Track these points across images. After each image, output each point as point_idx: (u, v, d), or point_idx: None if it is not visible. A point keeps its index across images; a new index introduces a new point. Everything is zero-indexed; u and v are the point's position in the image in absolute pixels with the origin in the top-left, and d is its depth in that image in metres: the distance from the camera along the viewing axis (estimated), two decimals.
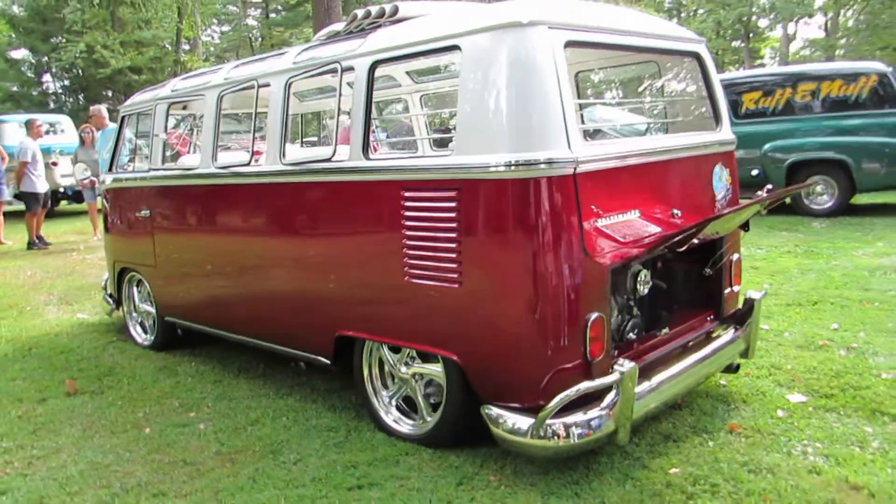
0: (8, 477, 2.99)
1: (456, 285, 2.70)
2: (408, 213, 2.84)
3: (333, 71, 3.18)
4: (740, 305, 3.50)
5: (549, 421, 2.52)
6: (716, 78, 3.45)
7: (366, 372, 3.27)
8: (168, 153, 4.44)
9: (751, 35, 39.69)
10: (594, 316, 2.62)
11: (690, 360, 3.02)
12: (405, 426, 3.14)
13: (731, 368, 3.45)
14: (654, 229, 2.83)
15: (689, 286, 3.45)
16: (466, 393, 2.86)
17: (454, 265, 2.69)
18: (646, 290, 3.09)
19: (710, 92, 3.43)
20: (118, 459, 3.10)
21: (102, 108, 9.28)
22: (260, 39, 44.06)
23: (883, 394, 3.43)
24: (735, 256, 3.48)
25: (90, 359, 4.67)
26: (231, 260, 3.86)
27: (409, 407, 3.22)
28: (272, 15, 43.30)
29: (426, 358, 3.06)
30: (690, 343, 3.21)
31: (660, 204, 3.00)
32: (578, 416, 2.55)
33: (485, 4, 2.87)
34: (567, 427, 2.53)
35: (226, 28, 44.52)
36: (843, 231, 8.00)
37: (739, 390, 3.58)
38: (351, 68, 3.08)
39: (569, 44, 2.64)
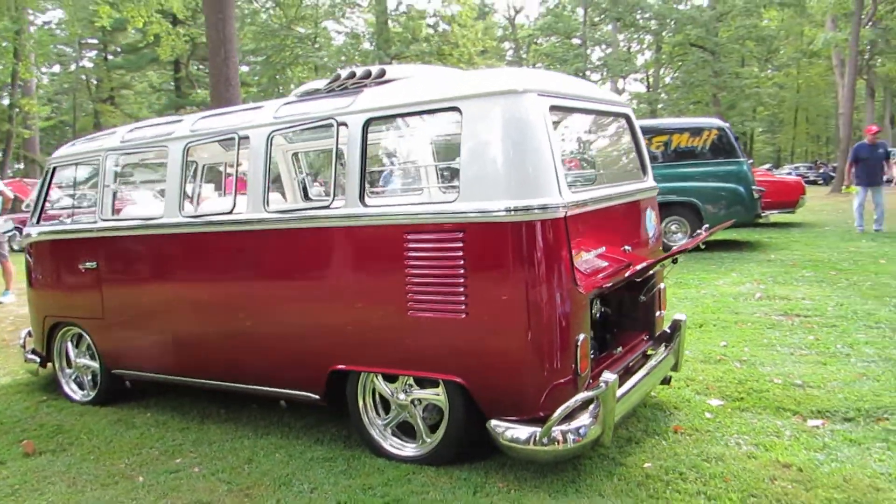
0: None
1: (463, 316, 3.08)
2: (411, 254, 3.19)
3: (328, 126, 3.49)
4: (666, 327, 4.12)
5: (529, 429, 2.95)
6: (640, 134, 4.13)
7: (360, 403, 3.53)
8: (113, 204, 4.44)
9: None
10: (582, 337, 3.10)
11: (643, 372, 3.57)
12: (406, 449, 3.42)
13: (665, 380, 4.04)
14: (617, 263, 3.39)
15: (627, 311, 4.03)
16: (467, 413, 3.22)
17: (461, 298, 3.07)
18: (598, 315, 3.62)
19: (637, 146, 4.09)
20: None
21: None
22: (96, 82, 41.90)
23: (780, 395, 4.17)
24: (662, 285, 4.12)
25: (27, 419, 4.48)
26: (205, 307, 3.96)
27: (401, 431, 3.51)
28: (110, 57, 41.33)
29: (422, 384, 3.38)
30: (633, 360, 3.77)
31: (616, 241, 3.57)
32: (572, 424, 2.99)
33: (475, 71, 3.34)
34: (564, 434, 2.96)
35: (56, 69, 41.90)
36: (700, 264, 9.18)
37: (668, 399, 4.19)
38: (345, 124, 3.41)
39: (552, 108, 3.15)
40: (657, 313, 4.09)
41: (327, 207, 3.43)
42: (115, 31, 33.20)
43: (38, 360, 5.04)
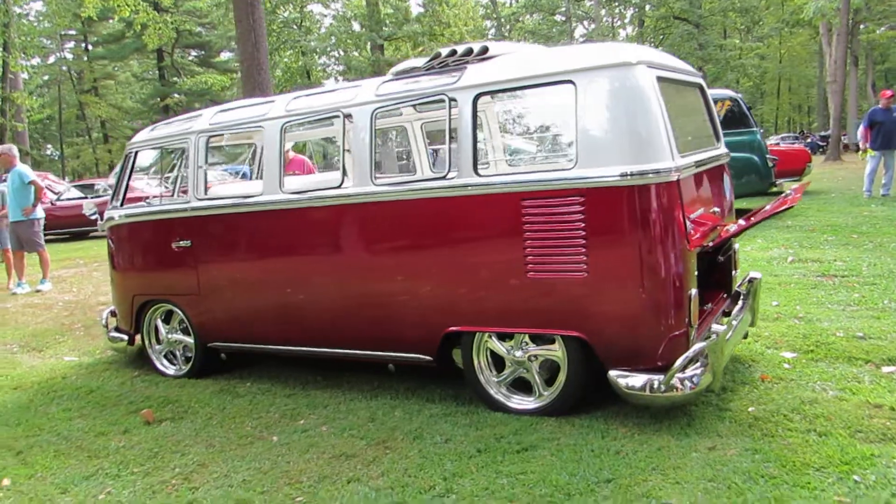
0: (177, 494, 3.13)
1: (584, 275, 3.31)
2: (529, 219, 3.40)
3: (440, 102, 3.68)
4: (739, 286, 4.38)
5: (653, 377, 3.20)
6: (712, 103, 4.36)
7: (476, 362, 3.76)
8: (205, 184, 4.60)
9: None
10: (693, 292, 3.35)
11: (734, 326, 3.83)
12: (524, 403, 3.66)
13: (744, 335, 4.31)
14: (712, 223, 3.63)
15: (710, 271, 4.28)
16: (585, 366, 3.47)
17: (582, 258, 3.30)
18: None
19: (710, 114, 4.32)
20: (276, 464, 3.33)
21: (13, 148, 8.80)
22: (77, 74, 41.34)
23: (846, 346, 4.45)
24: (736, 246, 4.38)
25: (129, 393, 4.66)
26: (312, 278, 4.15)
27: (512, 386, 3.75)
28: (91, 48, 40.76)
29: (536, 341, 3.62)
30: (717, 317, 4.02)
31: (708, 203, 3.81)
32: (686, 373, 3.24)
33: (580, 46, 3.54)
34: (681, 381, 3.22)
35: (35, 61, 41.26)
36: None
37: (745, 353, 4.46)
38: (454, 99, 3.60)
39: (658, 79, 3.37)
40: (733, 272, 4.35)
41: (444, 178, 3.63)
42: (96, 21, 32.80)
43: (125, 337, 5.20)
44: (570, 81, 3.35)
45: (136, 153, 5.09)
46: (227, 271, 4.52)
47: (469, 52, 3.76)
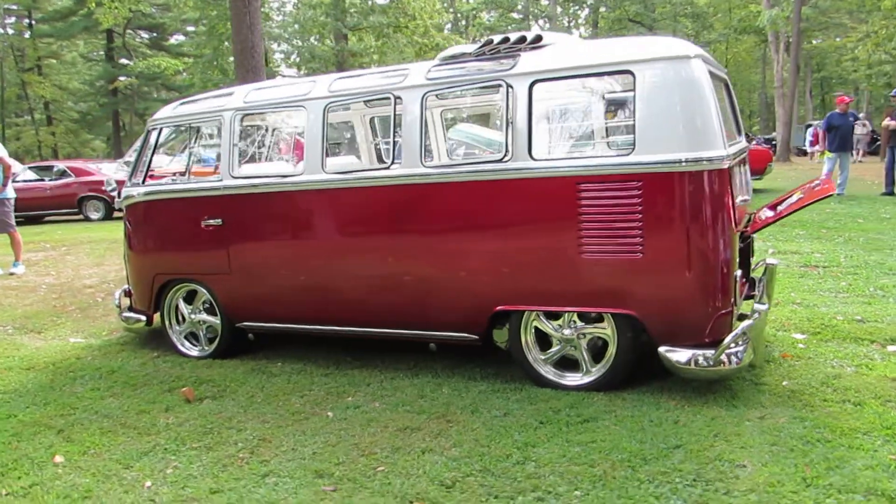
0: (249, 467, 3.16)
1: (639, 256, 3.47)
2: (585, 202, 3.55)
3: (496, 87, 3.78)
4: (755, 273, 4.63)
5: (705, 352, 3.40)
6: (735, 98, 4.59)
7: (524, 341, 3.88)
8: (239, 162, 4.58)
9: None
10: (738, 273, 3.55)
11: (761, 308, 4.06)
12: (572, 379, 3.81)
13: None
14: (743, 211, 3.86)
15: None
16: (633, 343, 3.64)
17: (638, 240, 3.46)
18: None
19: (734, 108, 4.55)
20: (341, 437, 3.38)
21: None
22: (18, 51, 39.63)
23: (849, 328, 4.75)
24: (754, 235, 4.62)
25: (156, 374, 4.62)
26: (356, 258, 4.19)
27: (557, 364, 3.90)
28: (35, 24, 39.12)
29: (584, 319, 3.77)
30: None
31: (743, 192, 4.02)
32: (731, 349, 3.44)
33: (635, 38, 3.70)
34: (728, 357, 3.42)
35: None
36: None
37: None
38: (511, 85, 3.71)
39: (709, 73, 3.55)
40: (751, 259, 4.59)
41: (503, 161, 3.73)
42: None
43: (142, 318, 5.13)
44: (629, 72, 3.50)
45: (161, 130, 5.02)
46: (263, 250, 4.52)
47: (522, 39, 3.87)
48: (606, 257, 3.55)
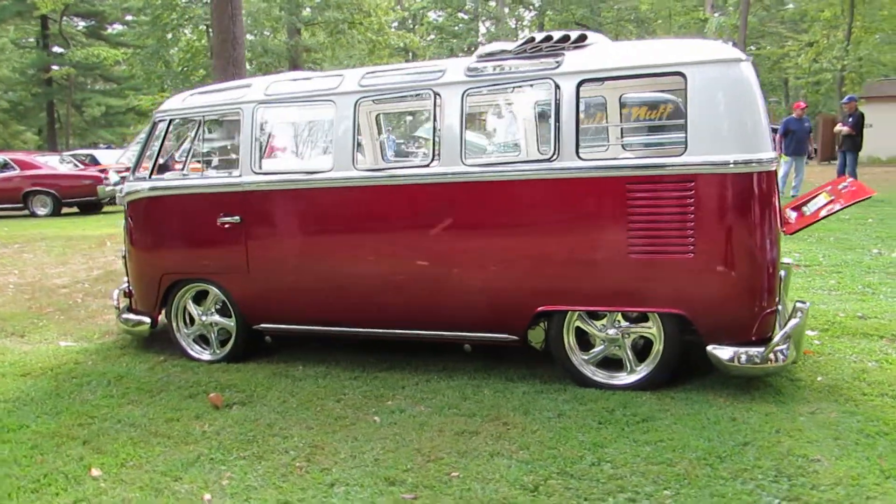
0: (312, 476, 3.04)
1: (690, 255, 3.49)
2: (634, 202, 3.55)
3: (542, 85, 3.75)
4: None
5: (756, 350, 3.45)
6: None
7: (566, 341, 3.86)
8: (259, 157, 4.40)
9: None
10: (782, 273, 3.61)
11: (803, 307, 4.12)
12: (617, 379, 3.81)
13: None
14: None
15: None
16: (679, 342, 3.67)
17: (689, 240, 3.49)
18: None
19: None
20: (399, 442, 3.28)
21: None
22: None
23: (855, 324, 4.92)
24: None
25: (169, 379, 4.40)
26: (393, 257, 4.09)
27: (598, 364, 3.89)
28: None
29: (629, 318, 3.78)
30: None
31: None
32: (778, 347, 3.50)
33: (683, 41, 3.73)
34: (775, 354, 3.49)
35: None
36: None
37: None
38: (558, 85, 3.68)
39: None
40: None
41: (550, 160, 3.69)
42: None
43: (146, 320, 4.89)
44: (681, 73, 3.52)
45: (170, 122, 4.78)
46: (286, 249, 4.36)
47: (566, 38, 3.84)
48: (656, 257, 3.56)
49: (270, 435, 3.47)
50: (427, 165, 3.97)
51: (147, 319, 4.89)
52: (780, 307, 3.67)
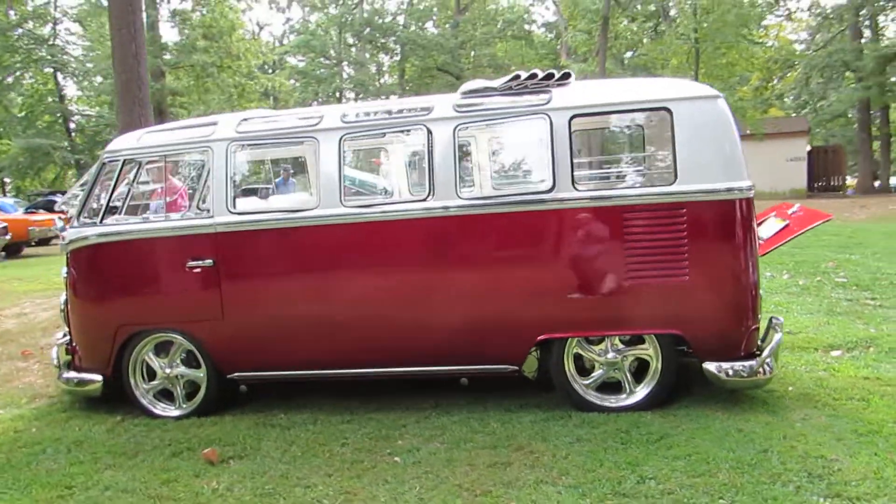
0: None
1: (686, 279, 3.73)
2: (630, 230, 3.76)
3: (534, 119, 3.89)
4: None
5: (749, 364, 3.73)
6: None
7: (567, 368, 3.96)
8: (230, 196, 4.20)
9: None
10: (762, 292, 3.94)
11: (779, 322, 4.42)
12: (619, 401, 3.94)
13: None
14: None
15: None
16: (676, 362, 3.88)
17: (684, 263, 3.72)
18: None
19: None
20: (437, 480, 3.21)
21: None
22: None
23: (790, 339, 5.36)
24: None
25: (140, 440, 4.02)
26: (386, 294, 4.01)
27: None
28: None
29: (624, 342, 3.95)
30: None
31: None
32: (767, 360, 3.78)
33: (662, 80, 4.01)
34: (762, 367, 3.78)
35: None
36: None
37: None
38: (552, 119, 3.85)
39: None
40: None
41: (549, 192, 3.82)
42: None
43: (97, 378, 4.44)
44: (667, 109, 3.79)
45: (124, 162, 4.44)
46: (267, 291, 4.16)
47: (550, 76, 4.02)
48: (653, 281, 3.77)
49: (291, 486, 3.27)
50: (424, 200, 3.97)
51: (97, 377, 4.45)
52: None
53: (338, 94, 42.92)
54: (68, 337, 4.63)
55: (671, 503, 2.87)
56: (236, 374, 4.30)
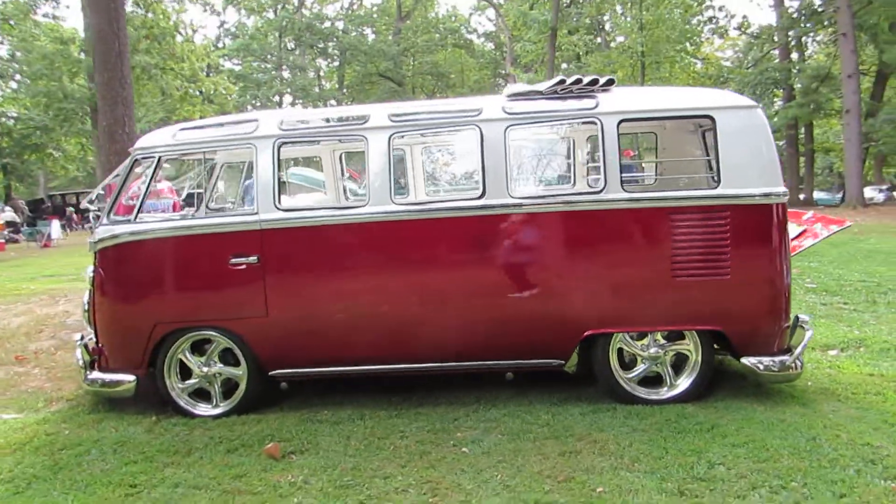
0: None
1: (727, 277, 3.96)
2: (677, 230, 3.96)
3: (591, 123, 4.06)
4: None
5: (782, 359, 4.00)
6: None
7: (612, 362, 4.13)
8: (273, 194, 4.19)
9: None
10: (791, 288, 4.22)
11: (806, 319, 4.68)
12: (660, 394, 4.13)
13: None
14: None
15: None
16: (712, 357, 4.11)
17: (726, 262, 3.95)
18: None
19: None
20: (513, 470, 3.31)
21: None
22: None
23: None
24: None
25: (184, 438, 3.96)
26: (437, 291, 4.08)
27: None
28: None
29: (665, 337, 4.15)
30: None
31: None
32: (798, 355, 4.04)
33: (706, 88, 4.24)
34: (794, 362, 4.04)
35: None
36: None
37: None
38: (603, 123, 4.02)
39: None
40: None
41: (600, 192, 3.99)
42: None
43: (130, 378, 4.33)
44: (710, 116, 4.02)
45: (159, 159, 4.36)
46: (315, 288, 4.17)
47: (594, 81, 4.20)
48: (697, 279, 3.98)
49: (368, 477, 3.31)
50: (478, 198, 4.06)
51: (129, 377, 4.33)
52: None
53: (277, 98, 42.33)
54: (92, 337, 4.50)
55: (748, 485, 3.05)
56: (278, 371, 4.27)
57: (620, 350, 4.19)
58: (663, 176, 4.60)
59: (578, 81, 4.21)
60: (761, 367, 4.01)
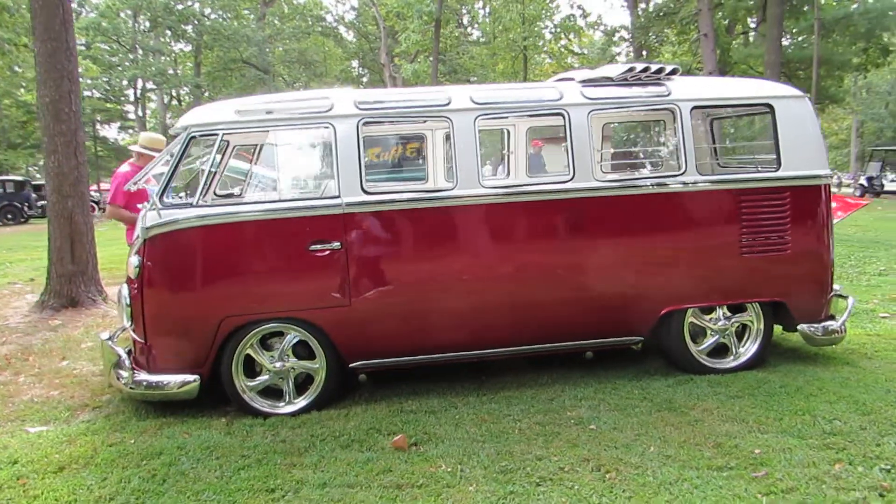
0: (639, 480, 3.04)
1: (788, 252, 4.30)
2: (745, 210, 4.25)
3: (669, 111, 4.23)
4: None
5: (830, 324, 4.42)
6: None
7: (686, 336, 4.35)
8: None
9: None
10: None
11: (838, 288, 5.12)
12: (726, 363, 4.42)
13: None
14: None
15: None
16: (772, 326, 4.45)
17: (786, 239, 4.29)
18: None
19: None
20: (660, 442, 3.42)
21: None
22: None
23: None
24: None
25: (281, 437, 3.69)
26: (527, 273, 4.08)
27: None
28: None
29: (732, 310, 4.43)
30: None
31: None
32: (843, 321, 4.47)
33: (760, 79, 4.53)
34: (840, 327, 4.47)
35: None
36: None
37: None
38: (680, 109, 4.21)
39: None
40: None
41: (680, 175, 4.17)
42: None
43: (190, 378, 3.95)
44: (769, 105, 4.33)
45: (221, 136, 3.99)
46: (404, 274, 4.02)
47: (660, 70, 4.38)
48: (761, 255, 4.28)
49: (524, 461, 3.28)
50: (568, 181, 4.11)
51: (191, 378, 3.96)
52: None
53: (134, 83, 39.43)
54: (132, 335, 4.07)
55: (871, 436, 3.36)
56: (360, 362, 4.09)
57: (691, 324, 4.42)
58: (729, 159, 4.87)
59: (647, 69, 4.37)
60: (814, 332, 4.39)
